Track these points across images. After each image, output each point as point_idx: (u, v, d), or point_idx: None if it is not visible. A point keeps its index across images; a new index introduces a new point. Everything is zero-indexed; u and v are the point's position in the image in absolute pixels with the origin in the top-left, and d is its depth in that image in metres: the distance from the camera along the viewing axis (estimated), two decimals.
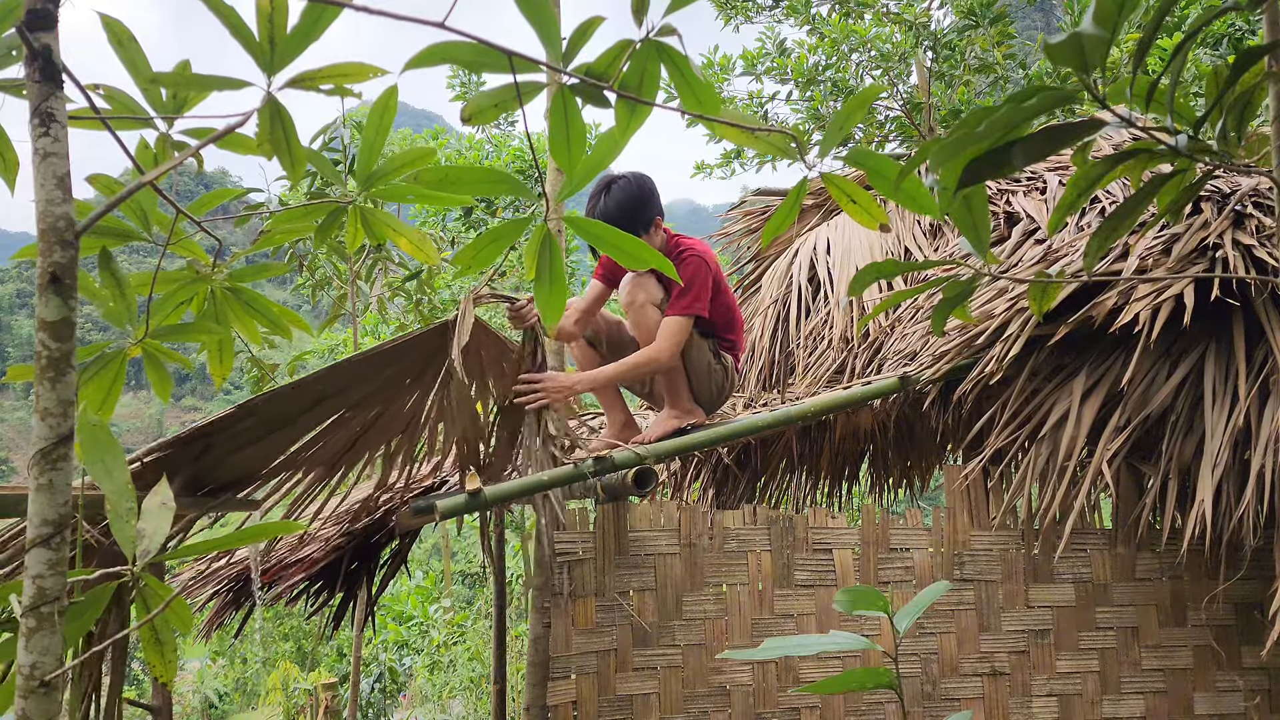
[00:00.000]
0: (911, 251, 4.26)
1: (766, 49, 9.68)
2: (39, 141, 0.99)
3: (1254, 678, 3.21)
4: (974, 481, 3.28)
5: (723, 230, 5.39)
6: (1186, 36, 1.06)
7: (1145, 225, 3.07)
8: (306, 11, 1.18)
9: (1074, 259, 3.36)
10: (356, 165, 1.44)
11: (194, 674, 16.92)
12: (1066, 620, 3.21)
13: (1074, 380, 3.17)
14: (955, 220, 1.28)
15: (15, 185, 1.51)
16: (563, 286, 1.37)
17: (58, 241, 0.98)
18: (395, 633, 10.92)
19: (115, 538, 1.13)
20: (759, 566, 3.17)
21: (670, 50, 1.21)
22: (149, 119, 1.45)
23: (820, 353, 4.15)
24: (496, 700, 3.70)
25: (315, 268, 5.88)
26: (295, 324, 1.73)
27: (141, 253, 31.48)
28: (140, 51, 1.39)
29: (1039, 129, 1.07)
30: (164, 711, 2.48)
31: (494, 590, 3.87)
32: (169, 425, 58.86)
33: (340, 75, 1.29)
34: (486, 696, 9.45)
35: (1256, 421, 2.90)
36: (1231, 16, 7.17)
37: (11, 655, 1.08)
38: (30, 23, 0.98)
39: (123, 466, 1.14)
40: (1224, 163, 1.20)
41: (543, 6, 1.15)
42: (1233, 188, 3.41)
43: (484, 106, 1.25)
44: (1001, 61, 8.40)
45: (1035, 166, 4.15)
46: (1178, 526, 3.13)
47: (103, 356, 1.49)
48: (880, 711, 3.14)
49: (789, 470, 4.81)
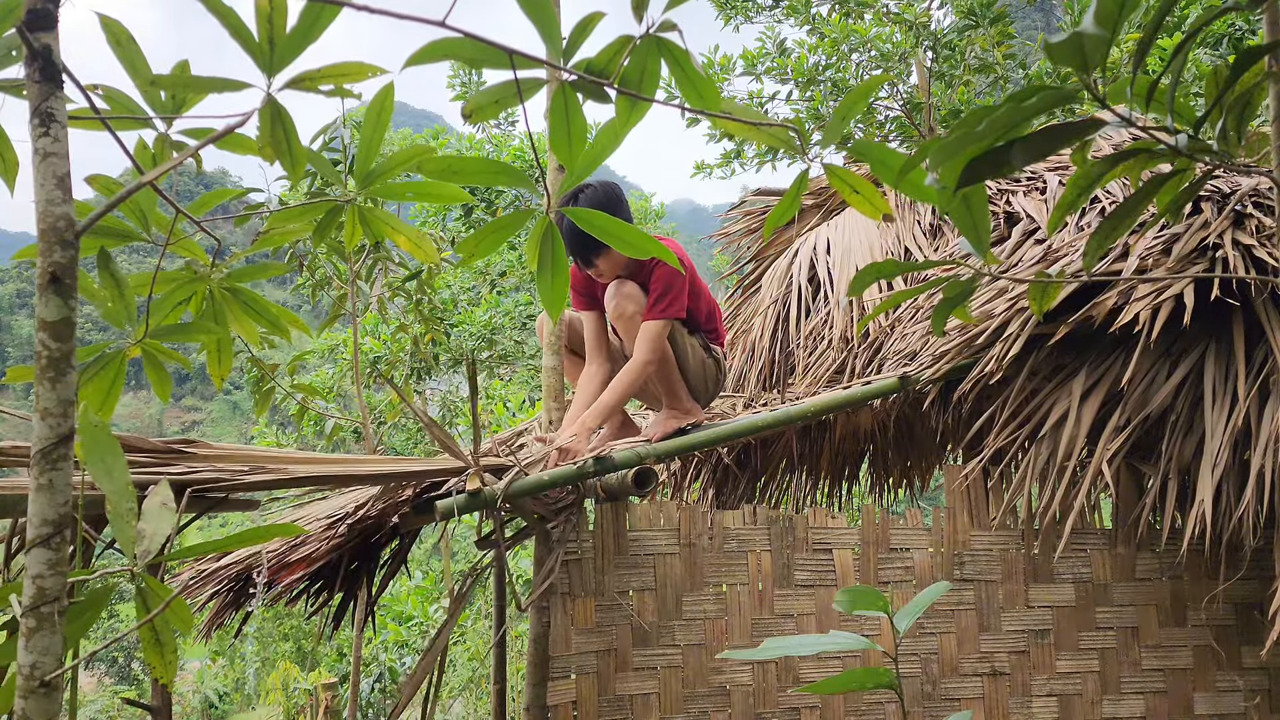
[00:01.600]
0: (911, 251, 4.26)
1: (766, 49, 9.68)
2: (39, 141, 0.99)
3: (1254, 678, 3.21)
4: (974, 481, 3.27)
5: (723, 230, 5.39)
6: (1186, 36, 1.06)
7: (1145, 225, 3.07)
8: (305, 11, 1.18)
9: (1074, 259, 3.36)
10: (355, 164, 1.44)
11: (194, 674, 16.94)
12: (1066, 620, 3.21)
13: (1074, 380, 3.17)
14: (955, 220, 1.28)
15: (15, 185, 1.51)
16: (565, 278, 1.38)
17: (58, 241, 0.98)
18: (395, 633, 10.91)
19: (115, 537, 1.13)
20: (759, 566, 3.17)
21: (671, 45, 1.21)
22: (148, 119, 1.45)
23: (820, 353, 4.14)
24: (496, 700, 3.69)
25: (315, 268, 5.88)
26: (294, 325, 1.73)
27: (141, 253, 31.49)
28: (139, 52, 1.39)
29: (1039, 128, 1.07)
30: (164, 711, 2.48)
31: (494, 590, 3.87)
32: (169, 425, 58.83)
33: (340, 75, 1.29)
34: (486, 696, 9.45)
35: (1256, 421, 2.90)
36: (1231, 16, 7.17)
37: (12, 656, 1.08)
38: (30, 23, 0.98)
39: (123, 466, 1.14)
40: (1224, 163, 1.20)
41: (543, 4, 1.15)
42: (1233, 188, 3.41)
43: (485, 103, 1.25)
44: (1001, 61, 8.40)
45: (1035, 166, 4.14)
46: (1178, 526, 3.13)
47: (103, 357, 1.49)
48: (880, 711, 3.14)
49: (789, 470, 4.81)
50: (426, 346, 6.88)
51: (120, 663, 19.21)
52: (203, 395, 61.61)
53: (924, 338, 3.63)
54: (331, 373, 11.44)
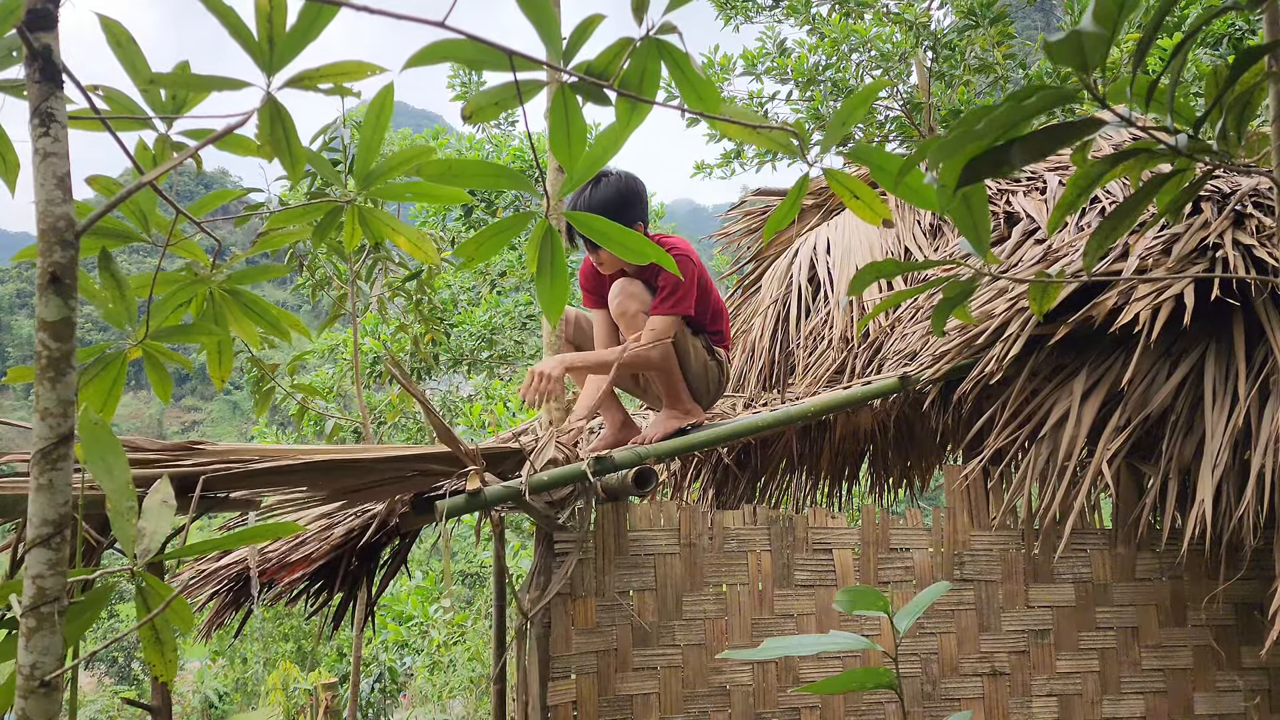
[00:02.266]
0: (911, 251, 4.26)
1: (767, 49, 9.69)
2: (39, 142, 0.99)
3: (1254, 678, 3.21)
4: (974, 481, 3.27)
5: (723, 230, 5.39)
6: (1186, 36, 1.06)
7: (1145, 225, 3.07)
8: (305, 11, 1.18)
9: (1074, 259, 3.36)
10: (355, 164, 1.44)
11: (194, 674, 16.94)
12: (1066, 620, 3.21)
13: (1074, 380, 3.17)
14: (955, 220, 1.28)
15: (15, 186, 1.51)
16: (564, 281, 1.37)
17: (58, 241, 0.98)
18: (395, 633, 10.92)
19: (116, 536, 1.13)
20: (759, 566, 3.17)
21: (671, 48, 1.21)
22: (148, 120, 1.45)
23: (820, 353, 4.14)
24: (496, 700, 3.69)
25: (315, 268, 5.88)
26: (293, 327, 1.73)
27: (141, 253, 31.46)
28: (139, 52, 1.39)
29: (1038, 128, 1.07)
30: (164, 711, 2.47)
31: (494, 590, 3.87)
32: (169, 425, 58.85)
33: (339, 74, 1.29)
34: (486, 696, 9.45)
35: (1256, 421, 2.90)
36: (1231, 16, 7.17)
37: (12, 655, 1.08)
38: (30, 23, 0.98)
39: (124, 466, 1.14)
40: (1224, 163, 1.20)
41: (543, 5, 1.15)
42: (1233, 188, 3.41)
43: (484, 105, 1.25)
44: (1001, 61, 8.41)
45: (1035, 166, 4.14)
46: (1178, 526, 3.13)
47: (103, 358, 1.49)
48: (880, 711, 3.14)
49: (789, 470, 4.80)
50: (426, 346, 6.89)
51: (120, 663, 19.23)
52: (203, 395, 61.63)
53: (924, 338, 3.63)
54: (331, 373, 11.45)
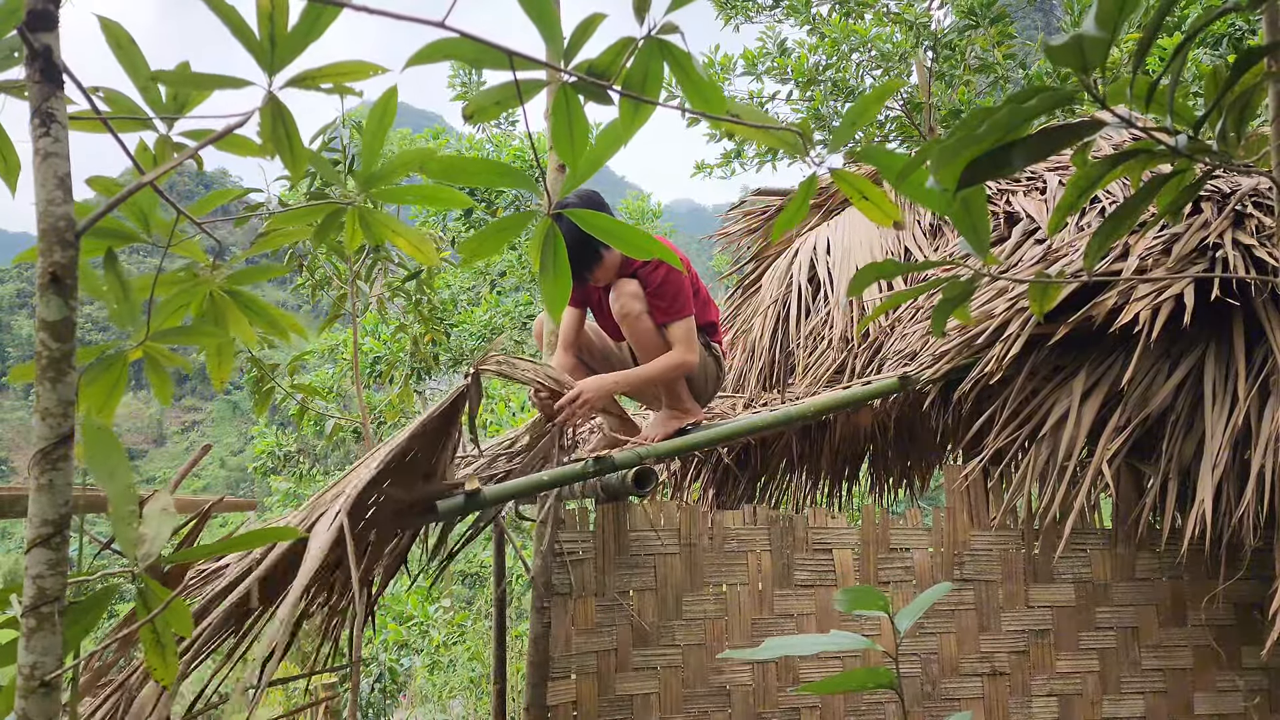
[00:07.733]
0: (911, 252, 4.26)
1: (767, 49, 9.69)
2: (39, 142, 0.99)
3: (1254, 678, 3.21)
4: (974, 481, 3.28)
5: (723, 230, 5.39)
6: (1186, 36, 1.06)
7: (1145, 225, 3.07)
8: (306, 11, 1.18)
9: (1074, 259, 3.36)
10: (358, 166, 1.44)
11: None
12: (1066, 620, 3.21)
13: (1074, 380, 3.17)
14: (955, 221, 1.28)
15: (16, 186, 1.51)
16: (566, 279, 1.37)
17: (58, 241, 0.98)
18: (395, 633, 10.91)
19: (117, 540, 1.13)
20: (759, 566, 3.17)
21: (672, 48, 1.20)
22: (149, 121, 1.45)
23: (820, 353, 4.14)
24: (496, 700, 3.69)
25: (315, 268, 5.88)
26: (292, 328, 1.72)
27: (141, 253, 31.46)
28: (139, 54, 1.39)
29: (1039, 129, 1.07)
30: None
31: (494, 590, 3.87)
32: (169, 426, 58.85)
33: (340, 74, 1.29)
34: (486, 696, 9.45)
35: (1256, 421, 2.90)
36: (1231, 16, 7.17)
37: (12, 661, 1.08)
38: (31, 23, 0.98)
39: (126, 469, 1.14)
40: (1224, 163, 1.20)
41: (544, 4, 1.15)
42: (1233, 188, 3.41)
43: (485, 104, 1.25)
44: (1001, 61, 8.41)
45: (1035, 166, 4.14)
46: (1178, 526, 3.13)
47: (104, 359, 1.49)
48: (880, 711, 3.14)
49: (789, 470, 4.80)
50: (426, 346, 6.88)
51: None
52: (203, 395, 61.58)
53: (924, 338, 3.63)
54: (331, 373, 11.45)
